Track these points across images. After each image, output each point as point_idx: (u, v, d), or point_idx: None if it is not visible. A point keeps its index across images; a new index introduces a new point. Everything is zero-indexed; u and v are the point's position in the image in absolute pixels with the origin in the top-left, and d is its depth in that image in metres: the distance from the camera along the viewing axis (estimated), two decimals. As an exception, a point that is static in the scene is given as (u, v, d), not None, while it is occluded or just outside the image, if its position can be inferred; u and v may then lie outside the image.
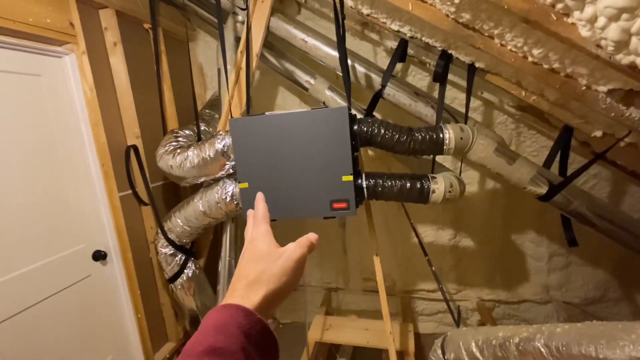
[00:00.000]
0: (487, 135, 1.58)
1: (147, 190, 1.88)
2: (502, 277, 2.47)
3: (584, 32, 0.79)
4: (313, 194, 1.50)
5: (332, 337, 2.13)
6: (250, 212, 0.55)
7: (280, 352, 0.39)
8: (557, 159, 1.76)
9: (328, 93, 1.94)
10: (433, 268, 2.01)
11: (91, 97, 1.62)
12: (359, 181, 1.53)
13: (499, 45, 1.18)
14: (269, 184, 1.52)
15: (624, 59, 0.78)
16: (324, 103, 1.93)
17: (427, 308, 2.63)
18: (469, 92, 1.65)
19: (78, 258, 1.61)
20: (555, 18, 0.81)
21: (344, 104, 1.88)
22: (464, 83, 1.77)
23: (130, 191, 1.84)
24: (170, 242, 1.83)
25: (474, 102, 2.18)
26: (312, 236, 0.49)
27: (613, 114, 1.17)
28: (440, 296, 1.98)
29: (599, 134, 1.50)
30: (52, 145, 1.51)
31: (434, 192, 1.50)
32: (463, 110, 1.77)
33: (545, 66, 1.15)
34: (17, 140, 1.38)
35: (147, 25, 1.96)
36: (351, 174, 1.45)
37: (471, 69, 1.59)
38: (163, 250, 1.85)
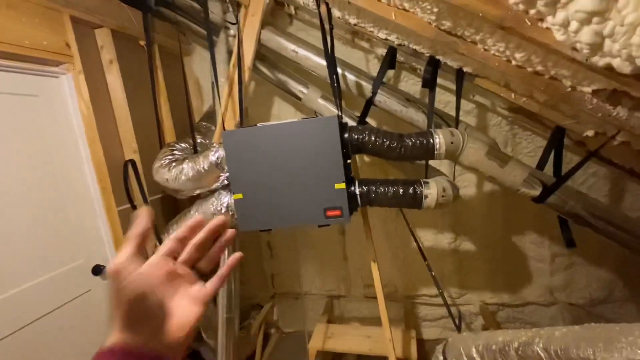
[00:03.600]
0: (478, 138, 1.59)
1: (145, 204, 1.90)
2: (504, 280, 2.44)
3: (559, 36, 0.80)
4: (307, 202, 1.51)
5: (334, 345, 2.11)
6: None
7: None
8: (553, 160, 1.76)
9: (321, 102, 1.96)
10: (433, 273, 2.00)
11: (88, 115, 1.66)
12: (352, 188, 1.54)
13: (482, 50, 1.19)
14: (263, 194, 1.53)
15: (600, 61, 0.79)
16: (315, 113, 1.95)
17: (430, 313, 2.61)
18: (458, 97, 1.66)
19: (78, 273, 1.64)
20: (529, 23, 0.83)
21: (336, 112, 1.90)
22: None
23: (128, 205, 1.86)
24: (169, 255, 1.84)
25: (468, 105, 2.19)
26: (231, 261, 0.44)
27: (600, 114, 1.17)
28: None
29: (590, 133, 1.50)
30: (50, 163, 1.55)
31: (426, 197, 1.50)
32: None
33: (529, 69, 1.16)
34: (16, 158, 1.42)
35: (142, 42, 2.01)
36: (343, 182, 1.47)
37: (459, 74, 1.60)
38: (162, 263, 1.86)
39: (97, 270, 1.71)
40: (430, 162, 1.85)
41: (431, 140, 1.46)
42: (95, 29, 1.77)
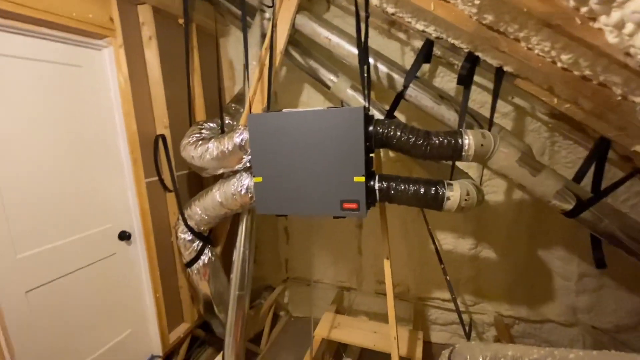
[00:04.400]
0: (512, 143, 1.50)
1: (172, 178, 1.98)
2: (524, 294, 2.34)
3: (611, 38, 0.72)
4: (324, 192, 1.51)
5: (339, 335, 2.13)
6: None
7: (289, 345, 0.37)
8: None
9: (350, 92, 1.93)
10: (447, 277, 1.94)
11: (125, 88, 1.74)
12: (372, 183, 1.52)
13: (525, 48, 1.11)
14: (282, 179, 1.55)
15: (656, 69, 0.71)
16: (342, 102, 1.93)
17: (440, 317, 2.56)
18: (495, 97, 1.57)
19: (105, 236, 1.75)
20: (580, 22, 0.75)
21: (364, 103, 1.86)
22: (493, 87, 1.69)
23: (156, 178, 1.95)
24: (189, 229, 1.92)
25: (506, 107, 2.07)
26: None
27: (652, 128, 1.06)
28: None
29: (639, 148, 1.37)
30: (87, 131, 1.64)
31: (448, 199, 1.45)
32: (490, 115, 1.68)
33: (576, 73, 1.06)
34: (57, 125, 1.52)
35: (181, 21, 2.06)
36: (363, 175, 1.44)
37: (499, 73, 1.51)
38: (182, 236, 1.94)
39: (123, 235, 1.81)
40: (458, 164, 1.78)
41: (460, 141, 1.40)
42: (138, 5, 1.82)
